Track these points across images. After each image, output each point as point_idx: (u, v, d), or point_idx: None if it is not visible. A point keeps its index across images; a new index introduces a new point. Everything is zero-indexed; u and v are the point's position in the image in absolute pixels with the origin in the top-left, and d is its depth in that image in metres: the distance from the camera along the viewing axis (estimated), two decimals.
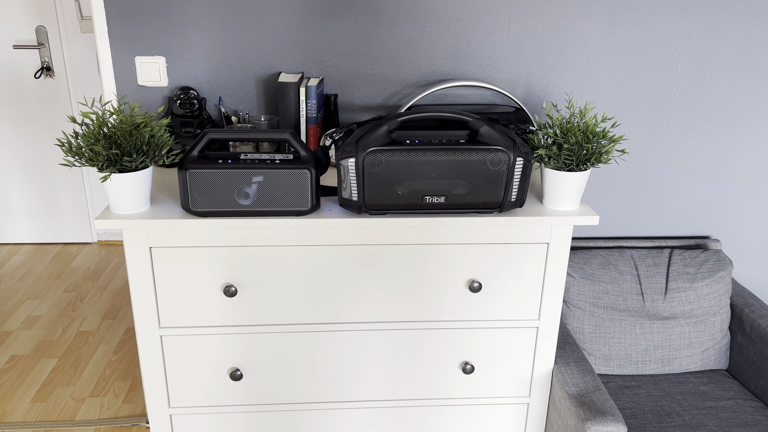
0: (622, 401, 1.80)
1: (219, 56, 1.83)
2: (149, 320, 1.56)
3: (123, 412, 2.26)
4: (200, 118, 1.80)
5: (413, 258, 1.56)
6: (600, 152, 1.48)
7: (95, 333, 2.74)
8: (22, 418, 2.22)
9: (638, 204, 2.09)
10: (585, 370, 1.67)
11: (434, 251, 1.56)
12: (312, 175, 1.41)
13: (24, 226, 3.55)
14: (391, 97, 1.91)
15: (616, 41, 1.89)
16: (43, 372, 2.48)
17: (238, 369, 1.63)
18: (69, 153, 1.38)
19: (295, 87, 1.73)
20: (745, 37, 1.91)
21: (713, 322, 1.94)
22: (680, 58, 1.92)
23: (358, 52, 1.85)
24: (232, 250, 1.52)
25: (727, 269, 1.96)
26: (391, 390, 1.71)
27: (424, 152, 1.40)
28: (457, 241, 1.55)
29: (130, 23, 1.79)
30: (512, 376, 1.72)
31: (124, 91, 1.85)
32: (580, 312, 1.91)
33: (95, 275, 3.25)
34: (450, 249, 1.56)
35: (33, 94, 3.30)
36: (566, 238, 1.56)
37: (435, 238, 1.54)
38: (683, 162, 2.05)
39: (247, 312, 1.58)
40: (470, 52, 1.87)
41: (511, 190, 1.45)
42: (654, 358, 1.92)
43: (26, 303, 2.97)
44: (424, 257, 1.56)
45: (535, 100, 1.94)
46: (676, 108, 1.98)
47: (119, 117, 1.40)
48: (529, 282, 1.61)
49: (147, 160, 1.41)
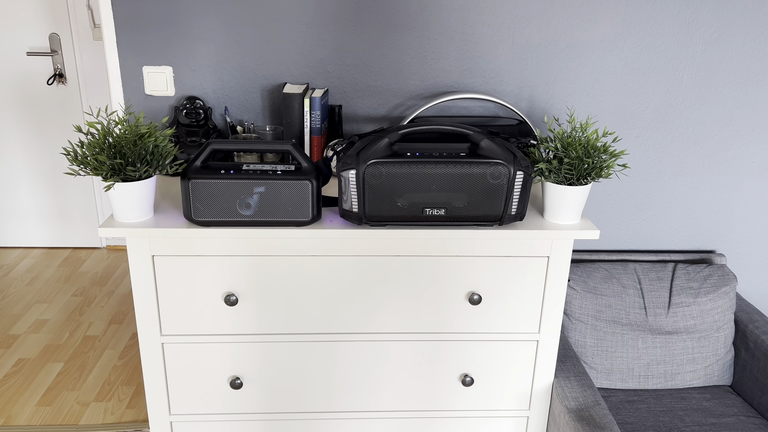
0: (624, 416, 1.79)
1: (225, 67, 1.86)
2: (151, 327, 1.58)
3: (127, 418, 2.28)
4: (206, 127, 1.82)
5: (413, 270, 1.57)
6: (601, 167, 1.48)
7: (101, 338, 2.77)
8: (27, 422, 2.25)
9: (642, 217, 2.08)
10: (585, 385, 1.67)
11: (434, 263, 1.56)
12: (313, 186, 1.42)
13: (35, 230, 3.59)
14: (394, 109, 1.92)
15: (620, 55, 1.89)
16: (49, 376, 2.50)
17: (238, 377, 1.64)
18: (74, 162, 1.40)
19: (299, 98, 1.74)
20: (750, 52, 1.91)
21: (717, 338, 1.93)
22: (685, 72, 1.92)
23: (362, 64, 1.87)
24: (233, 260, 1.53)
25: (731, 284, 1.95)
26: (390, 401, 1.71)
27: (424, 165, 1.41)
28: (457, 254, 1.55)
29: (138, 33, 1.81)
30: (512, 389, 1.71)
31: (132, 100, 1.88)
32: (582, 325, 1.91)
33: (103, 280, 3.28)
34: (450, 261, 1.56)
35: (45, 100, 3.34)
36: (567, 251, 1.56)
37: (435, 250, 1.55)
38: (688, 176, 2.04)
39: (247, 321, 1.59)
40: (474, 65, 1.88)
41: (511, 203, 1.45)
42: (656, 372, 1.91)
43: (34, 307, 3.00)
44: (424, 269, 1.57)
45: (538, 113, 1.94)
46: (680, 122, 1.98)
47: (124, 127, 1.42)
48: (529, 295, 1.61)
49: (150, 170, 1.43)
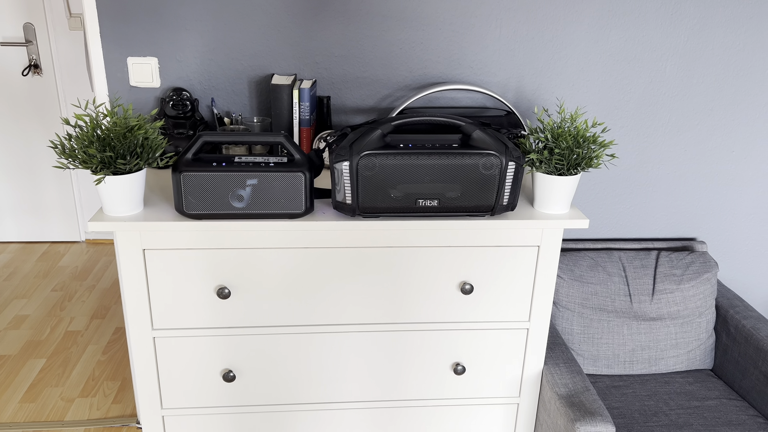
0: (610, 401, 1.83)
1: (211, 57, 1.84)
2: (142, 322, 1.57)
3: (113, 413, 2.26)
4: (193, 119, 1.80)
5: (406, 260, 1.57)
6: (590, 157, 1.50)
7: (84, 333, 2.73)
8: (11, 419, 2.21)
9: (626, 206, 2.12)
10: (574, 371, 1.69)
11: (427, 254, 1.57)
12: (306, 178, 1.42)
13: (10, 225, 3.52)
14: (383, 100, 1.92)
15: (605, 46, 1.91)
16: (31, 372, 2.46)
17: (231, 371, 1.64)
18: (62, 155, 1.38)
19: (288, 89, 1.73)
20: (731, 42, 1.94)
21: (699, 323, 1.97)
22: (668, 62, 1.95)
23: (350, 55, 1.86)
24: (225, 253, 1.52)
25: (712, 271, 1.99)
26: (383, 391, 1.72)
27: (417, 156, 1.41)
28: (449, 244, 1.56)
29: (122, 24, 1.78)
30: (502, 377, 1.74)
31: (117, 92, 1.85)
32: (569, 313, 1.94)
33: (83, 274, 3.23)
34: (442, 251, 1.57)
35: (20, 91, 3.27)
36: (556, 241, 1.58)
37: (428, 240, 1.56)
38: (670, 165, 2.08)
39: (240, 314, 1.59)
40: (461, 56, 1.89)
41: (503, 193, 1.47)
42: (641, 358, 1.95)
43: (13, 302, 2.95)
44: (416, 260, 1.58)
45: (525, 104, 1.96)
46: (663, 112, 2.01)
47: (113, 119, 1.40)
48: (519, 284, 1.63)
49: (141, 163, 1.41)
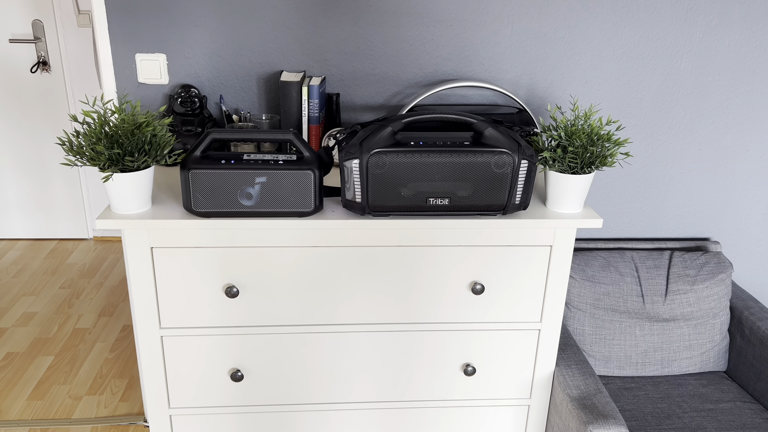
0: (622, 403, 1.80)
1: (220, 54, 1.82)
2: (150, 321, 1.55)
3: (120, 411, 2.25)
4: (201, 116, 1.79)
5: (416, 260, 1.55)
6: (604, 155, 1.47)
7: (91, 330, 2.73)
8: (19, 417, 2.21)
9: (639, 205, 2.09)
10: (586, 373, 1.67)
11: (437, 253, 1.55)
12: (316, 176, 1.40)
13: (19, 222, 3.52)
14: (393, 97, 1.90)
15: (619, 42, 1.88)
16: (39, 370, 2.46)
17: (239, 370, 1.62)
18: (70, 152, 1.36)
19: (297, 86, 1.71)
20: (747, 40, 1.91)
21: (713, 325, 1.94)
22: (683, 60, 1.92)
23: (360, 52, 1.84)
24: (234, 251, 1.51)
25: (727, 271, 1.96)
26: (393, 391, 1.71)
27: (428, 154, 1.39)
28: (460, 243, 1.54)
29: (130, 20, 1.77)
30: (513, 378, 1.71)
31: (125, 88, 1.84)
32: (581, 313, 1.91)
33: (91, 272, 3.23)
34: (453, 251, 1.55)
35: (29, 88, 3.27)
36: (569, 240, 1.56)
37: (438, 240, 1.53)
38: (684, 163, 2.05)
39: (248, 313, 1.57)
40: (473, 53, 1.86)
41: (515, 192, 1.44)
42: (654, 359, 1.92)
43: (21, 299, 2.95)
44: (427, 259, 1.55)
45: (537, 101, 1.93)
46: (678, 110, 1.98)
47: (121, 116, 1.38)
48: (531, 284, 1.60)
49: (149, 160, 1.40)
